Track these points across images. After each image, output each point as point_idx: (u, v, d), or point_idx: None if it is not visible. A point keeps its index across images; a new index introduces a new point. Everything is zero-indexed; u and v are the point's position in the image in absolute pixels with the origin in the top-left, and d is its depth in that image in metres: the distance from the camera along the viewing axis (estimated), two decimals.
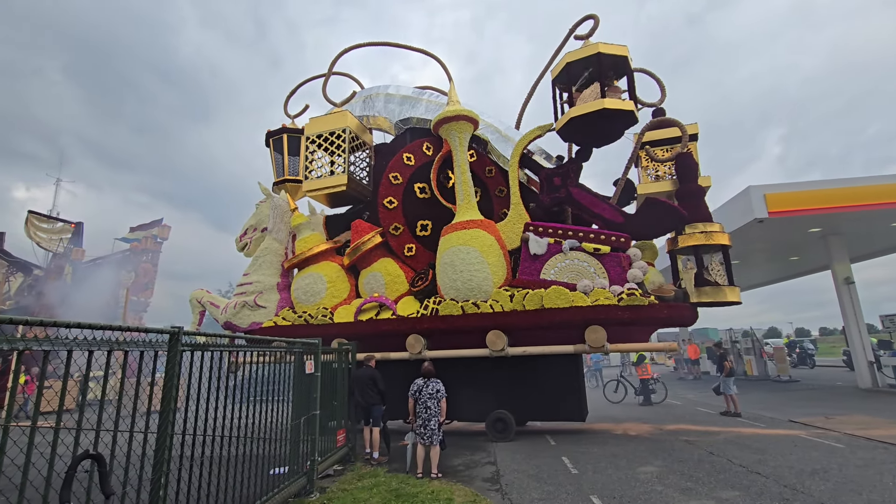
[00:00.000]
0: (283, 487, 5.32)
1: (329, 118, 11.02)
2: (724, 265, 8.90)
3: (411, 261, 10.42)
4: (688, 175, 9.29)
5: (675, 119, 9.71)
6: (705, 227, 8.81)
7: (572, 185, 9.39)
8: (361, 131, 11.43)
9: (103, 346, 3.05)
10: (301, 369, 6.17)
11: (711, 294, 8.63)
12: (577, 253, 8.91)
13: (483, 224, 9.39)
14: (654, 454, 7.56)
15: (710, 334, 48.41)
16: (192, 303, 11.42)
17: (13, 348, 2.46)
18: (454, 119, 9.67)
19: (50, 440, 2.70)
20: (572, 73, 9.62)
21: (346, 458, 7.62)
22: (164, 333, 3.61)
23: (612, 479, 6.30)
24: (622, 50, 9.35)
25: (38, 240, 33.17)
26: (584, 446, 8.34)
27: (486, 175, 10.54)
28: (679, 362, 25.84)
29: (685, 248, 8.92)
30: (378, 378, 7.72)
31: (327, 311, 10.11)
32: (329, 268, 10.53)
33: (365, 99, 12.01)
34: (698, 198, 9.16)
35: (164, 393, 3.54)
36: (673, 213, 8.83)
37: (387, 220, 10.54)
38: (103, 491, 2.08)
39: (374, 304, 9.86)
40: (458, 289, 9.12)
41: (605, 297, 8.34)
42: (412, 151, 10.76)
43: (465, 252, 9.07)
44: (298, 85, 12.70)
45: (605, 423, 10.99)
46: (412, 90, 11.74)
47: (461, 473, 6.83)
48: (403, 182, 10.64)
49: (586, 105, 9.08)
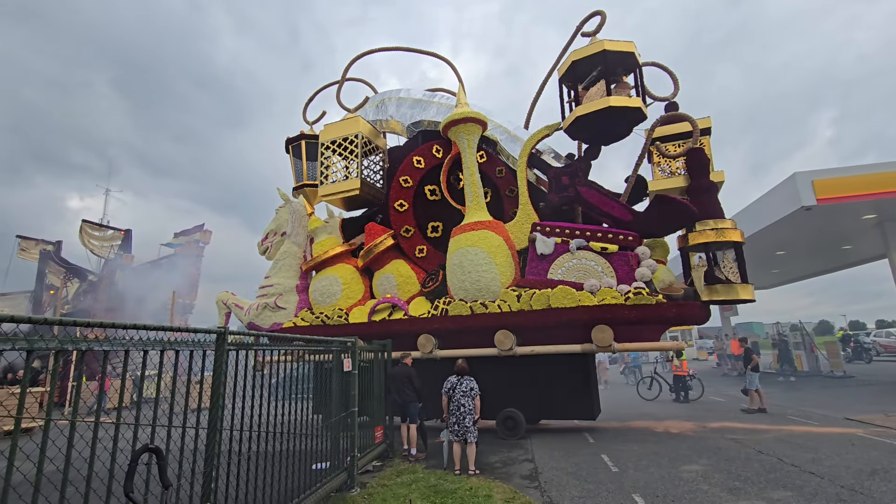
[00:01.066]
0: (326, 482, 5.47)
1: (342, 124, 11.28)
2: (736, 262, 8.64)
3: (423, 262, 10.60)
4: (699, 171, 9.06)
5: (686, 114, 9.49)
6: (717, 223, 8.55)
7: (581, 184, 9.32)
8: (374, 136, 11.66)
9: (157, 346, 3.22)
10: (339, 367, 6.31)
11: (723, 292, 8.39)
12: (584, 252, 8.85)
13: (491, 225, 9.46)
14: (697, 452, 7.34)
15: (755, 329, 46.49)
16: (219, 304, 11.94)
17: (77, 348, 2.63)
18: (462, 121, 9.76)
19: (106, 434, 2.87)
20: (579, 71, 9.53)
21: (384, 455, 7.76)
22: (212, 333, 3.77)
23: (654, 477, 6.15)
24: (628, 46, 9.18)
25: (91, 247, 35.20)
26: (624, 444, 8.18)
27: (496, 175, 10.56)
28: (722, 358, 24.91)
29: (696, 245, 8.70)
30: (414, 376, 7.81)
31: (343, 311, 10.41)
32: (344, 270, 10.83)
33: (378, 104, 12.23)
34: (710, 194, 8.92)
35: (212, 390, 3.70)
36: (683, 211, 8.64)
37: (398, 222, 10.75)
38: (162, 482, 2.20)
39: (387, 305, 10.08)
40: (467, 289, 9.24)
41: (612, 297, 8.29)
42: (422, 154, 10.90)
43: (474, 253, 9.17)
44: (316, 92, 13.05)
45: (645, 420, 10.75)
46: (423, 93, 11.89)
47: (499, 470, 6.83)
48: (414, 185, 10.82)
49: (592, 104, 9.00)
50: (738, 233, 8.54)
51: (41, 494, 2.34)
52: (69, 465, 2.53)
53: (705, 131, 9.96)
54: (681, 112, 9.67)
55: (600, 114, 8.88)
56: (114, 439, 2.83)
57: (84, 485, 2.59)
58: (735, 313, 27.89)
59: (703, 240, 8.53)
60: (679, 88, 10.29)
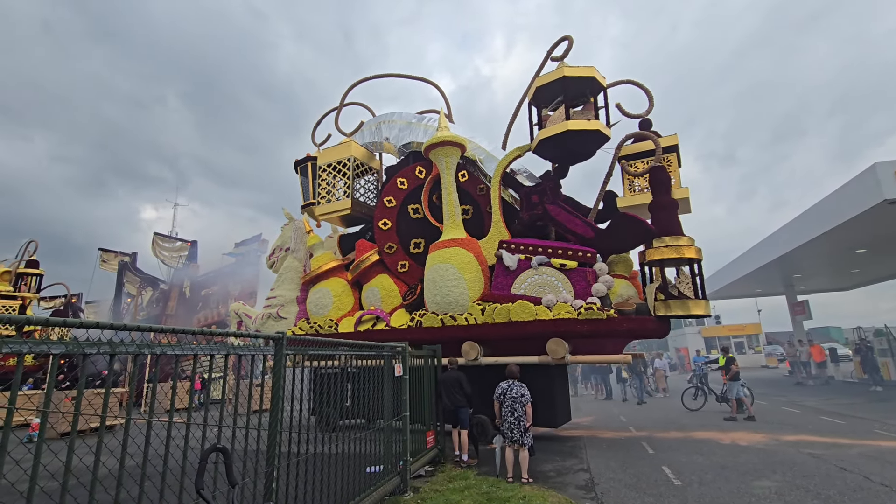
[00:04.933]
0: (380, 485, 5.55)
1: (337, 149, 12.29)
2: (695, 278, 8.77)
3: (405, 276, 11.29)
4: (660, 188, 9.28)
5: (650, 133, 9.84)
6: (673, 240, 8.73)
7: (549, 203, 9.76)
8: (368, 158, 12.66)
9: (222, 350, 3.41)
10: (390, 372, 6.41)
11: (676, 307, 8.53)
12: (545, 268, 9.33)
13: (463, 242, 10.08)
14: (770, 467, 6.84)
15: (832, 333, 42.88)
16: (232, 314, 13.13)
17: (153, 352, 2.83)
18: (441, 145, 10.44)
19: (178, 434, 3.06)
20: (545, 95, 10.05)
21: (435, 460, 7.78)
22: (271, 339, 3.94)
23: (721, 492, 5.79)
24: (589, 71, 9.58)
25: (162, 257, 38.01)
26: (687, 456, 7.78)
27: (477, 193, 11.06)
28: (795, 365, 23.03)
29: (653, 261, 8.90)
30: (464, 380, 7.81)
31: (333, 322, 11.25)
32: (336, 283, 11.68)
33: (374, 126, 13.03)
34: (669, 211, 9.11)
35: (272, 392, 3.87)
36: (640, 228, 8.97)
37: (382, 239, 11.53)
38: (229, 480, 2.31)
39: (372, 316, 10.88)
40: (438, 303, 9.90)
41: (566, 311, 8.74)
42: (406, 175, 11.63)
43: (444, 269, 9.85)
44: (322, 116, 14.08)
45: (708, 430, 10.14)
46: (413, 116, 12.61)
47: (552, 479, 6.67)
48: (397, 205, 11.58)
49: (552, 128, 9.49)
50: (695, 249, 8.70)
51: (123, 488, 2.53)
52: (146, 461, 2.72)
53: (671, 148, 10.18)
54: (646, 132, 10.00)
55: (562, 136, 9.33)
56: (184, 438, 3.02)
57: (159, 480, 2.77)
58: (808, 317, 25.79)
59: (658, 256, 8.72)
60: (654, 105, 10.51)
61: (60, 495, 2.27)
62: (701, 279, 8.76)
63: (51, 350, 2.28)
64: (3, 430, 2.07)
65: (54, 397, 11.50)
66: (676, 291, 8.72)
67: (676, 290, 8.78)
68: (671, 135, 10.31)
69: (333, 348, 5.12)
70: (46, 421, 2.16)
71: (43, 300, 26.57)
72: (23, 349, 2.14)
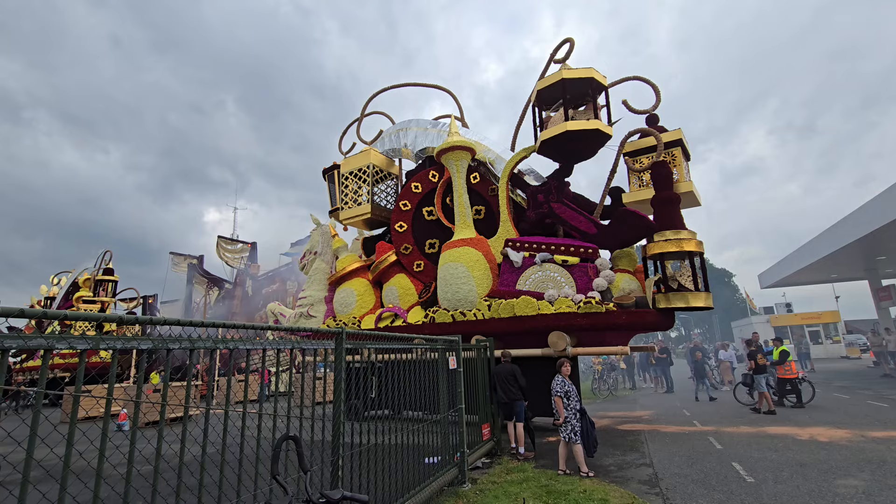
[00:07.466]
0: (439, 475, 5.63)
1: (357, 157, 13.00)
2: (695, 271, 8.82)
3: (420, 275, 11.83)
4: (662, 183, 9.36)
5: (653, 129, 9.86)
6: (673, 234, 8.83)
7: (554, 201, 10.04)
8: (387, 164, 13.30)
9: (288, 345, 3.58)
10: (444, 365, 6.47)
11: (675, 300, 8.66)
12: (548, 265, 9.64)
13: (472, 242, 10.49)
14: (857, 465, 6.33)
15: None
16: (269, 313, 14.02)
17: (227, 347, 3.03)
18: (451, 149, 10.91)
19: (252, 423, 3.26)
20: (547, 97, 10.32)
21: (492, 452, 7.80)
22: (332, 334, 4.09)
23: (800, 491, 5.42)
24: (587, 72, 9.78)
25: (225, 259, 40.44)
26: (759, 452, 7.35)
27: (489, 194, 11.43)
28: (881, 356, 21.05)
29: (654, 254, 8.99)
30: (518, 373, 7.76)
31: (356, 319, 11.96)
32: (359, 283, 12.38)
33: (393, 134, 13.61)
34: (671, 205, 9.18)
35: (335, 385, 4.02)
36: (640, 222, 9.08)
37: (398, 241, 12.10)
38: (301, 467, 2.43)
39: (391, 314, 11.49)
40: (450, 300, 10.38)
41: (567, 306, 8.99)
42: (420, 180, 12.15)
43: (454, 268, 10.31)
44: (347, 127, 14.79)
45: (783, 426, 9.51)
46: (428, 122, 13.12)
47: (613, 474, 6.51)
48: (412, 208, 12.12)
49: (553, 129, 9.75)
50: (695, 243, 8.75)
51: (206, 473, 2.73)
52: (225, 448, 2.92)
53: (675, 143, 10.12)
54: (649, 128, 10.05)
55: (562, 136, 9.58)
56: (258, 427, 3.21)
57: (237, 465, 2.97)
58: (895, 303, 23.49)
59: (658, 250, 8.84)
60: (660, 100, 10.52)
61: (153, 478, 2.48)
62: (703, 272, 8.88)
63: (140, 346, 2.49)
64: (102, 419, 2.29)
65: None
66: (676, 284, 8.82)
67: (676, 282, 8.85)
68: (675, 129, 10.27)
69: (387, 342, 5.24)
70: (139, 411, 2.36)
71: (122, 301, 29.09)
72: (116, 345, 2.35)
